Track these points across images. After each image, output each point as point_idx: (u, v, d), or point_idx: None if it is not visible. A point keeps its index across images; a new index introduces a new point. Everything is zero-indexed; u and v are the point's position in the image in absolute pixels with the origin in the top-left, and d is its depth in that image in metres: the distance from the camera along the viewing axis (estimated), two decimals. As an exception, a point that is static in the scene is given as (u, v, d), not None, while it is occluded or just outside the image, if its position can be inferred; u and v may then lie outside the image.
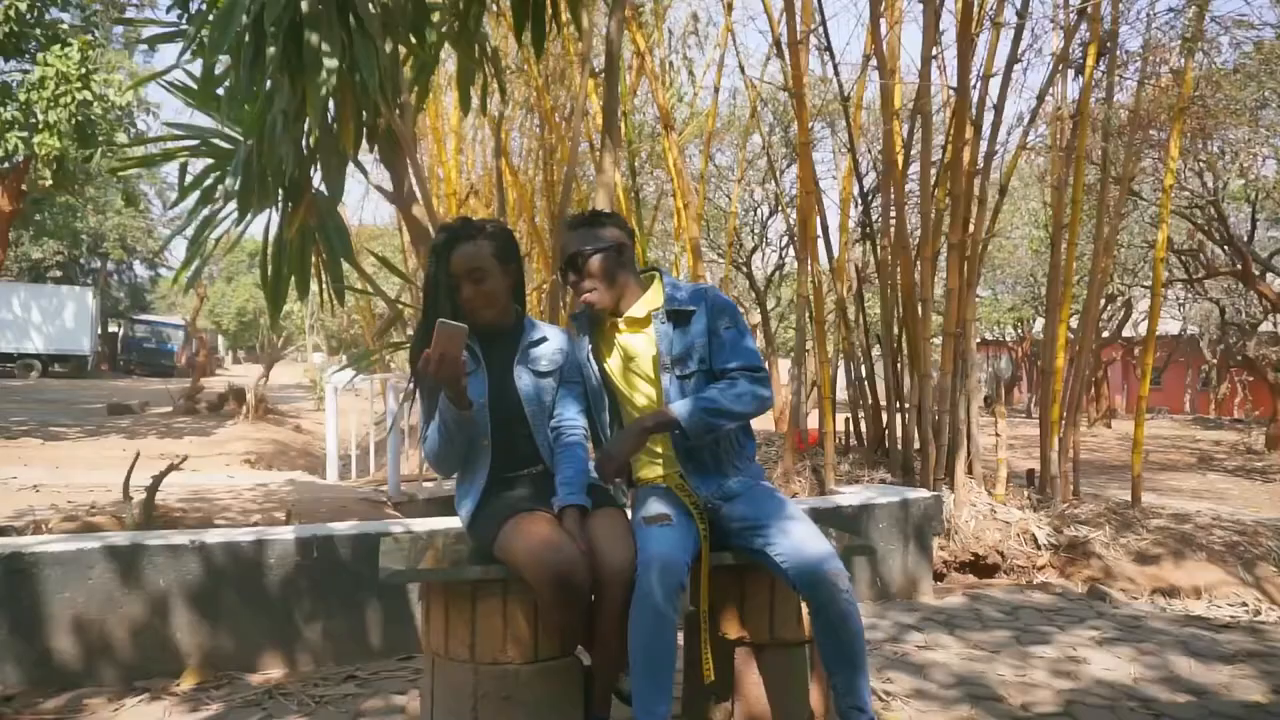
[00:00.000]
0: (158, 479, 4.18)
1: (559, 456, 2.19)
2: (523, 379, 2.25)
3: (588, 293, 2.24)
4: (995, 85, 5.73)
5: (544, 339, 2.31)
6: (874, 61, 6.10)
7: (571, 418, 2.25)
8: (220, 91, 4.10)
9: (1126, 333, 21.13)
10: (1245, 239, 12.75)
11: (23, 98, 9.31)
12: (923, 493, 4.18)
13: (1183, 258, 13.90)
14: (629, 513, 2.28)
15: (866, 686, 2.02)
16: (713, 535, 2.15)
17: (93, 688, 2.68)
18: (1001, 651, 3.20)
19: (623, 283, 2.27)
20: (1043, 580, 4.97)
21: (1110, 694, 2.76)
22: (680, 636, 2.07)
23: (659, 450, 2.28)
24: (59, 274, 32.52)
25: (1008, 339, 28.92)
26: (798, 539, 2.02)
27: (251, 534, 2.96)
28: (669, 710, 1.96)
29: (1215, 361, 23.01)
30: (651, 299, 2.29)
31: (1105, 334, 21.37)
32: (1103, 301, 20.45)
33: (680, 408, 2.12)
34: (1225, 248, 11.97)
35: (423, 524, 3.26)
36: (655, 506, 2.13)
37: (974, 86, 5.58)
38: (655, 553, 1.97)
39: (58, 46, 9.19)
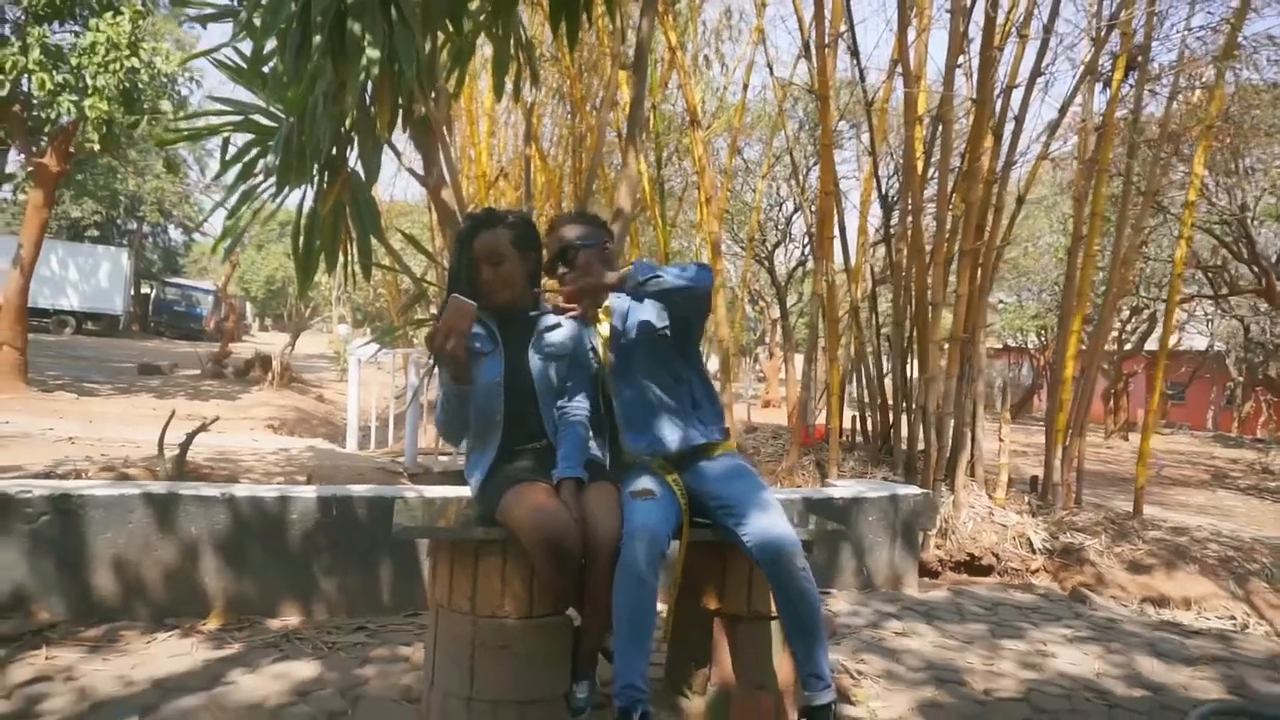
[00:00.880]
0: (190, 436, 4.43)
1: (562, 434, 2.39)
2: (535, 361, 2.44)
3: (572, 279, 2.45)
4: (1018, 95, 5.84)
5: (557, 325, 2.50)
6: (899, 68, 6.21)
7: (577, 399, 2.45)
8: (265, 70, 4.31)
9: (1151, 346, 20.98)
10: (1274, 258, 12.69)
11: (74, 62, 9.60)
12: (912, 489, 4.33)
13: (1209, 274, 13.84)
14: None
15: (824, 656, 2.20)
16: (692, 511, 2.35)
17: (127, 622, 2.92)
18: (974, 642, 3.37)
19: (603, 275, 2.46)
20: (1028, 582, 5.11)
21: (1070, 685, 2.93)
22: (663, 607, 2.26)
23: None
24: (96, 234, 33.17)
25: (1030, 346, 28.76)
26: (763, 520, 2.22)
27: (276, 491, 3.19)
28: (647, 667, 2.15)
29: (1241, 379, 22.80)
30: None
31: (1128, 346, 21.30)
32: (1127, 313, 20.41)
33: (637, 265, 2.35)
34: (1252, 266, 11.93)
35: (434, 491, 3.47)
36: (642, 482, 2.33)
37: (997, 97, 5.69)
38: (640, 524, 2.17)
39: (110, 14, 9.47)
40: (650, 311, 2.43)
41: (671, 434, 2.43)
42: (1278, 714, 2.31)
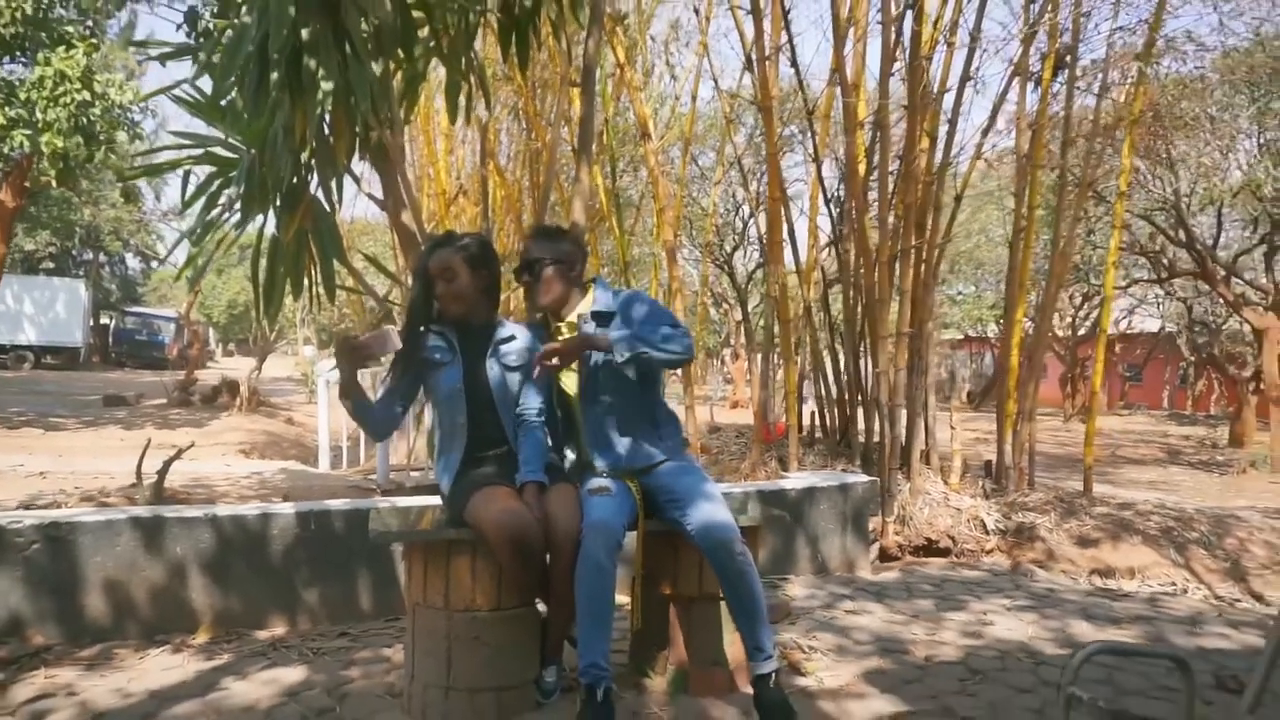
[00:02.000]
0: (167, 463, 4.56)
1: (521, 439, 2.60)
2: (493, 370, 2.65)
3: (537, 292, 2.65)
4: (951, 98, 6.14)
5: (513, 337, 2.71)
6: (838, 77, 6.49)
7: (534, 406, 2.65)
8: (224, 103, 4.47)
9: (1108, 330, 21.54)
10: (1210, 242, 13.22)
11: (23, 96, 9.63)
12: (861, 478, 4.59)
13: (1149, 258, 14.36)
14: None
15: (765, 632, 2.43)
16: (647, 505, 2.57)
17: (120, 640, 3.07)
18: (920, 616, 3.62)
19: (566, 292, 2.67)
20: (978, 560, 5.37)
21: (1005, 649, 3.19)
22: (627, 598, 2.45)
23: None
24: (52, 265, 32.66)
25: (991, 336, 29.35)
26: (705, 511, 2.45)
27: (256, 509, 3.36)
28: (609, 648, 2.36)
29: (1193, 359, 23.52)
30: (585, 304, 2.69)
31: (1082, 332, 21.91)
32: (1079, 299, 21.00)
33: (615, 333, 2.51)
34: (1189, 250, 12.43)
35: (406, 501, 3.66)
36: (598, 481, 2.55)
37: (928, 104, 5.98)
38: (596, 519, 2.39)
39: (63, 48, 9.51)
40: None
41: (634, 453, 2.63)
42: (1152, 653, 2.58)
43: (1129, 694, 2.75)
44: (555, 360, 2.51)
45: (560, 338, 2.70)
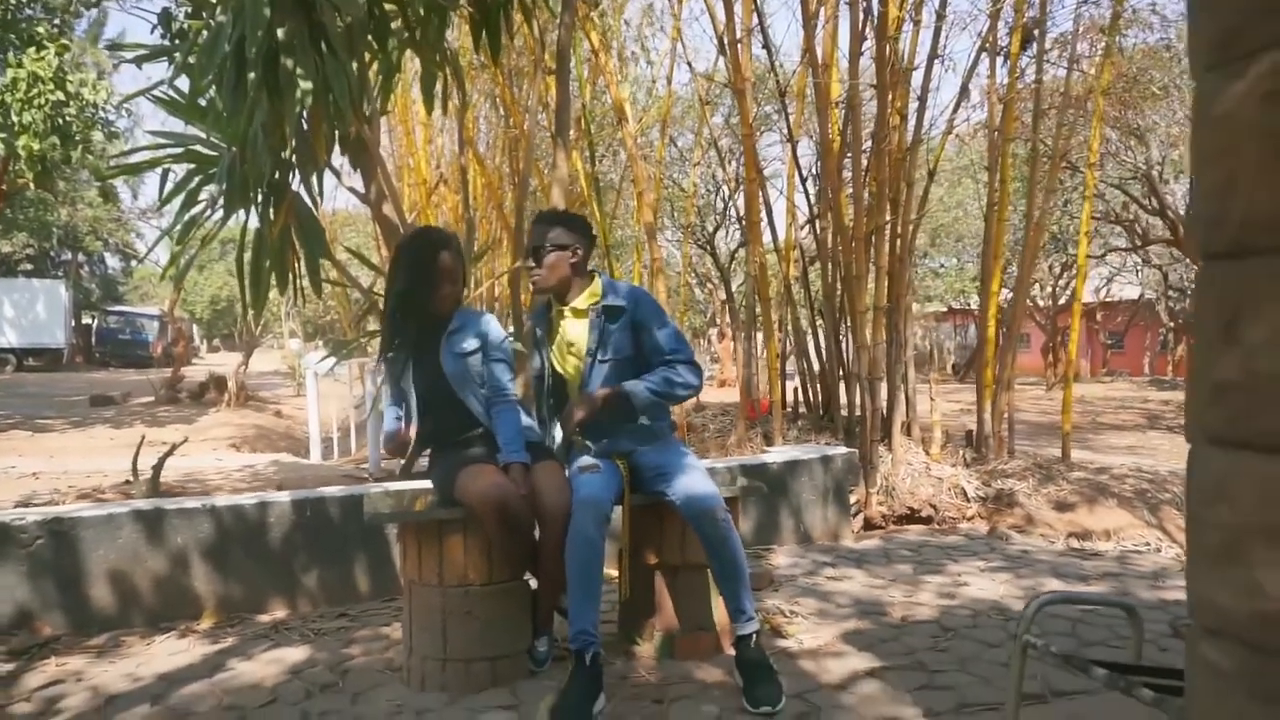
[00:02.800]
0: (162, 458, 4.65)
1: (496, 419, 2.71)
2: (447, 361, 2.74)
3: (538, 279, 2.74)
4: (920, 76, 6.24)
5: (462, 325, 2.79)
6: (809, 57, 6.59)
7: (503, 385, 2.76)
8: (203, 102, 4.53)
9: (1087, 299, 21.82)
10: (1182, 209, 13.42)
11: (-3, 99, 9.60)
12: (840, 450, 4.73)
13: (1124, 226, 14.56)
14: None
15: (746, 595, 2.57)
16: (633, 480, 2.69)
17: (126, 629, 3.18)
18: (898, 580, 3.77)
19: (570, 278, 2.76)
20: (956, 526, 5.53)
21: (978, 607, 3.34)
22: (614, 569, 2.57)
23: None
24: (30, 267, 32.40)
25: (974, 308, 29.53)
26: (688, 482, 2.58)
27: (254, 498, 3.47)
28: (598, 616, 2.49)
29: (1172, 325, 23.84)
30: (591, 295, 2.78)
31: (1062, 301, 22.15)
32: (1059, 269, 21.23)
33: (632, 385, 2.65)
34: (1161, 217, 12.63)
35: (398, 485, 3.76)
36: (587, 460, 2.67)
37: (902, 79, 6.08)
38: (585, 494, 2.51)
39: (33, 49, 9.47)
40: (624, 346, 2.72)
41: (628, 440, 2.74)
42: (1103, 601, 2.73)
43: (1091, 644, 2.91)
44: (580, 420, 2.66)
45: (564, 320, 2.78)
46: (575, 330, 2.79)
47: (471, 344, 2.76)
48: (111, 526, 3.18)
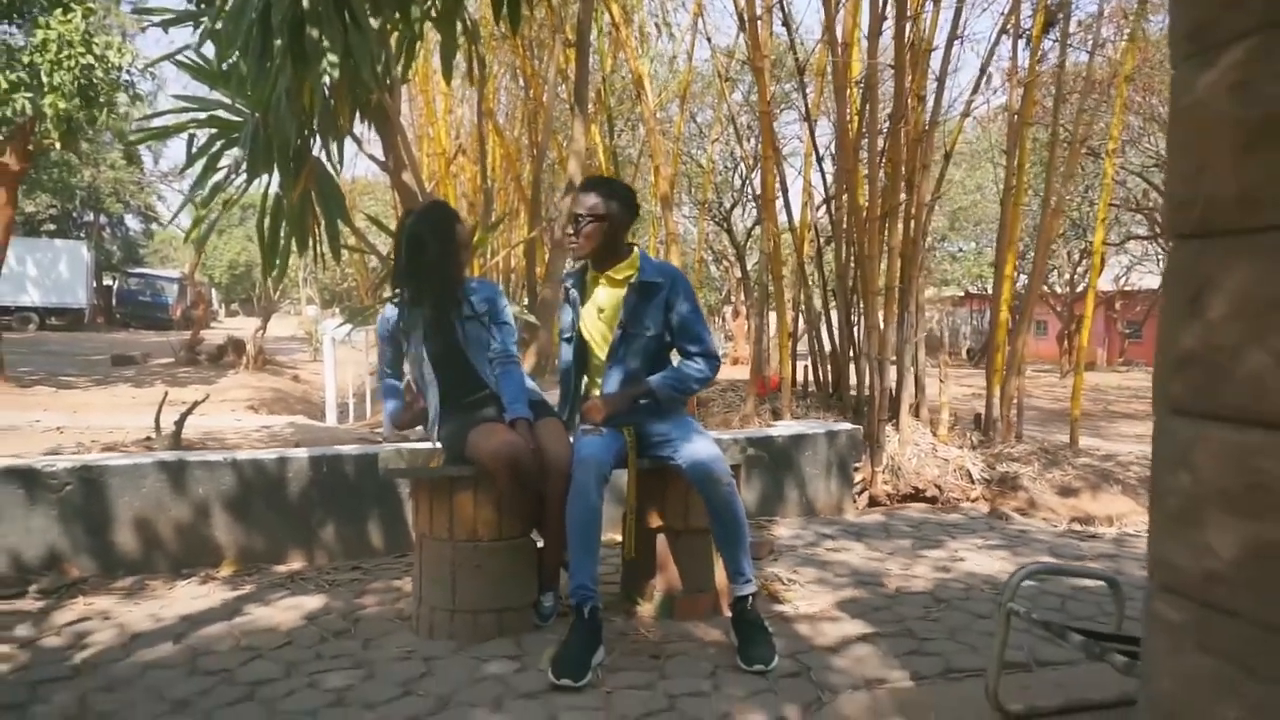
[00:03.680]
0: (184, 415, 4.79)
1: (500, 379, 2.83)
2: (460, 325, 2.85)
3: (574, 246, 2.79)
4: (939, 56, 6.23)
5: (473, 291, 2.89)
6: (828, 36, 6.58)
7: (507, 346, 2.87)
8: (226, 67, 4.61)
9: (1104, 287, 21.63)
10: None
11: (26, 60, 9.70)
12: (845, 426, 4.81)
13: (1144, 214, 14.44)
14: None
15: (745, 558, 2.67)
16: (640, 446, 2.79)
17: (150, 573, 3.32)
18: (896, 554, 3.86)
19: (602, 247, 2.79)
20: (957, 505, 5.61)
21: (972, 581, 3.43)
22: (619, 534, 2.67)
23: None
24: (53, 228, 32.74)
25: (991, 293, 29.19)
26: (694, 448, 2.67)
27: (274, 453, 3.59)
28: (596, 571, 2.59)
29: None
30: (628, 267, 2.83)
31: (1080, 288, 21.99)
32: (1078, 256, 21.06)
33: (655, 381, 2.77)
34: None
35: (411, 445, 3.88)
36: (589, 424, 2.76)
37: (922, 60, 6.08)
38: (586, 454, 2.62)
39: (60, 11, 9.56)
40: (655, 323, 2.79)
41: (644, 415, 2.82)
42: (1086, 572, 2.81)
43: (1079, 619, 2.99)
44: (599, 421, 2.73)
45: (599, 287, 2.84)
46: (607, 298, 2.84)
47: (481, 308, 2.87)
48: (137, 475, 3.31)
